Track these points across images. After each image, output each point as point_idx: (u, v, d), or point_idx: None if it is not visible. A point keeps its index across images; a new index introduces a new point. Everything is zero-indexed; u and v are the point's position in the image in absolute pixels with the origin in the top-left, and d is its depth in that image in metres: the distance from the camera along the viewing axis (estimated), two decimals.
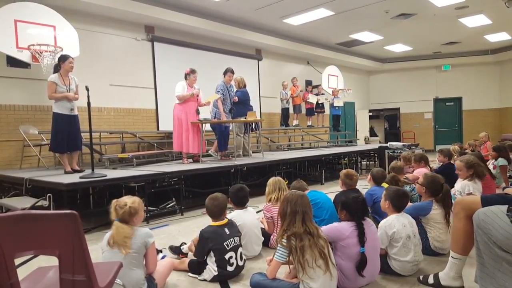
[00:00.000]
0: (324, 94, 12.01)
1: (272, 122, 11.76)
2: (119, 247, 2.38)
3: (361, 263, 2.52)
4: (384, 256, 2.84)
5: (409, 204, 3.83)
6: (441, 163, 6.12)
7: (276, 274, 2.52)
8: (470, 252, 2.44)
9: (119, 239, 2.39)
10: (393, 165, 4.99)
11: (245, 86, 7.62)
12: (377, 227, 2.85)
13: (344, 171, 4.04)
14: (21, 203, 4.46)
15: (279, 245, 2.40)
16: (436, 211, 3.22)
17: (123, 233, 2.42)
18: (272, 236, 3.61)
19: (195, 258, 3.03)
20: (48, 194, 4.31)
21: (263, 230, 3.62)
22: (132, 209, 2.49)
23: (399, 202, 2.98)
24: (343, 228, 2.60)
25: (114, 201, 2.53)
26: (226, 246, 2.86)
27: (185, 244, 3.42)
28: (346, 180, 3.89)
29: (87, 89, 4.59)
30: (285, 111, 11.29)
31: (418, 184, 3.44)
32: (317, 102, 11.75)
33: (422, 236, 3.19)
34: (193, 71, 6.55)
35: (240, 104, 7.33)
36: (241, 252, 2.98)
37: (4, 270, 1.60)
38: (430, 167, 5.45)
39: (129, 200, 2.52)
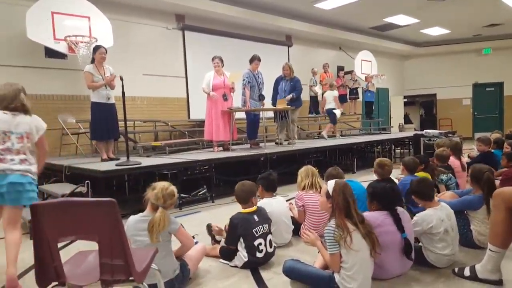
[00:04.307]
0: (357, 80, 11.75)
1: (302, 109, 11.59)
2: (152, 234, 2.33)
3: (406, 248, 2.52)
4: (419, 248, 2.78)
5: (449, 193, 3.68)
6: (480, 152, 5.83)
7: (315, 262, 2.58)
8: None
9: (161, 227, 2.35)
10: (438, 153, 4.71)
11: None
12: (411, 218, 2.78)
13: (377, 159, 3.94)
14: (61, 189, 4.66)
15: (327, 238, 2.34)
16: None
17: (166, 221, 2.38)
18: (302, 226, 3.60)
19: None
20: (86, 181, 4.48)
21: (293, 218, 3.62)
22: (172, 191, 2.49)
23: (423, 191, 2.87)
24: (374, 217, 2.56)
25: (159, 186, 2.49)
26: (255, 233, 2.90)
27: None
28: (378, 169, 3.80)
29: (121, 79, 4.71)
30: (314, 98, 11.14)
31: (468, 177, 3.27)
32: (352, 87, 11.54)
33: (464, 227, 3.08)
34: (212, 59, 6.50)
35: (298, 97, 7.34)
36: (270, 239, 3.00)
37: (48, 254, 1.70)
38: (460, 158, 5.10)
39: (167, 184, 2.52)
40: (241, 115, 7.30)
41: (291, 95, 7.12)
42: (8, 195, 2.67)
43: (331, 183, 2.51)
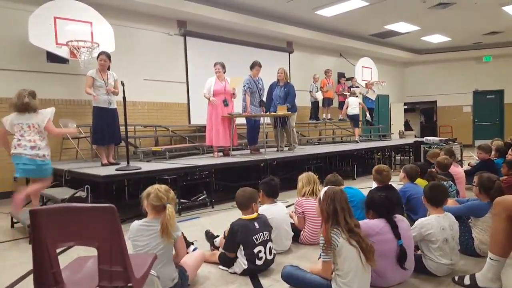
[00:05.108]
0: (358, 87, 11.78)
1: (303, 116, 11.63)
2: (167, 233, 2.34)
3: (401, 256, 2.49)
4: (419, 256, 2.77)
5: (450, 201, 3.66)
6: (480, 159, 5.82)
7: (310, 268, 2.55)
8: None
9: (173, 222, 2.37)
10: (440, 161, 4.71)
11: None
12: (411, 225, 2.77)
13: (375, 166, 3.94)
14: (61, 194, 4.65)
15: (321, 246, 2.35)
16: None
17: (174, 218, 2.40)
18: (302, 232, 3.59)
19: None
20: (86, 186, 4.48)
21: (292, 225, 3.61)
22: (166, 187, 2.54)
23: (434, 197, 2.86)
24: (374, 224, 2.55)
25: (153, 189, 2.50)
26: (255, 240, 2.87)
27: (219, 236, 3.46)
28: (376, 176, 3.80)
29: (122, 84, 4.74)
30: (315, 104, 11.16)
31: (475, 186, 3.19)
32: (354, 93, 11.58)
33: (465, 234, 3.06)
34: (214, 65, 6.53)
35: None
36: (270, 247, 2.98)
37: (47, 260, 1.69)
38: (460, 165, 5.09)
39: (156, 185, 2.55)
40: (242, 120, 7.31)
41: (286, 106, 7.02)
42: (26, 172, 3.99)
43: (322, 191, 2.53)
